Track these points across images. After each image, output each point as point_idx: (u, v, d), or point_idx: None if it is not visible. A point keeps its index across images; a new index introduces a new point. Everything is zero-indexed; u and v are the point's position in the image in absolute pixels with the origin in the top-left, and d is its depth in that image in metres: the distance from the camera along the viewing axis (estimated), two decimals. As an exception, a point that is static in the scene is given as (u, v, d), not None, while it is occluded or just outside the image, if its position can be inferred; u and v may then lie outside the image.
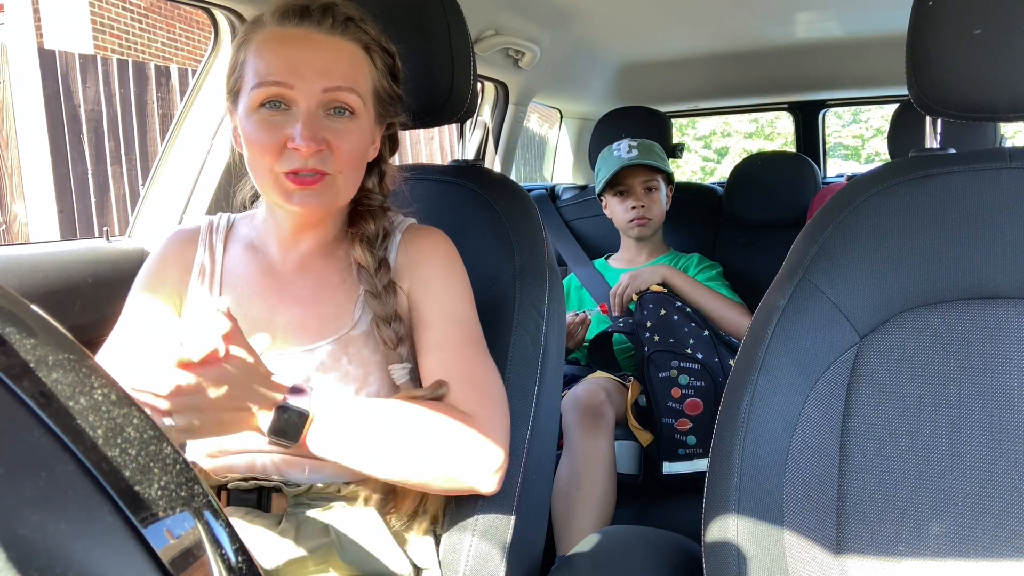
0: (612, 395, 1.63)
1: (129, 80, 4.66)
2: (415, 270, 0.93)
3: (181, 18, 6.94)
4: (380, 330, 0.88)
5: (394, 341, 0.88)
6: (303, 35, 0.84)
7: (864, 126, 12.72)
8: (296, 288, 0.92)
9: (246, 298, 0.92)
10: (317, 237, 0.94)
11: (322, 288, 0.92)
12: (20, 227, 4.28)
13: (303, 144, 0.80)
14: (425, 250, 0.94)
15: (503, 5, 1.83)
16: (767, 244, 2.12)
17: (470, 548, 0.90)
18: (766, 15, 2.11)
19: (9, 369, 0.28)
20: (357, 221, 0.93)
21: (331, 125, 0.84)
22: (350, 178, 0.88)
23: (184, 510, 0.31)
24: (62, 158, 4.34)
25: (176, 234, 0.99)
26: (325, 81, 0.83)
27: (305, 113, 0.82)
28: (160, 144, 3.38)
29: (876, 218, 0.90)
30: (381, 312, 0.89)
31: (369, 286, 0.90)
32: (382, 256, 0.92)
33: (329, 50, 0.84)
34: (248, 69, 0.85)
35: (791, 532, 0.84)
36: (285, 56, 0.83)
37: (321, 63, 0.83)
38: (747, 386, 0.87)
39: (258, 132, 0.83)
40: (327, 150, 0.83)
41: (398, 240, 0.95)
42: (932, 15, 0.87)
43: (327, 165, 0.84)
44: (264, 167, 0.84)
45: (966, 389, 0.84)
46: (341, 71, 0.84)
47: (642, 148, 1.95)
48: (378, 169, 0.96)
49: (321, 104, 0.83)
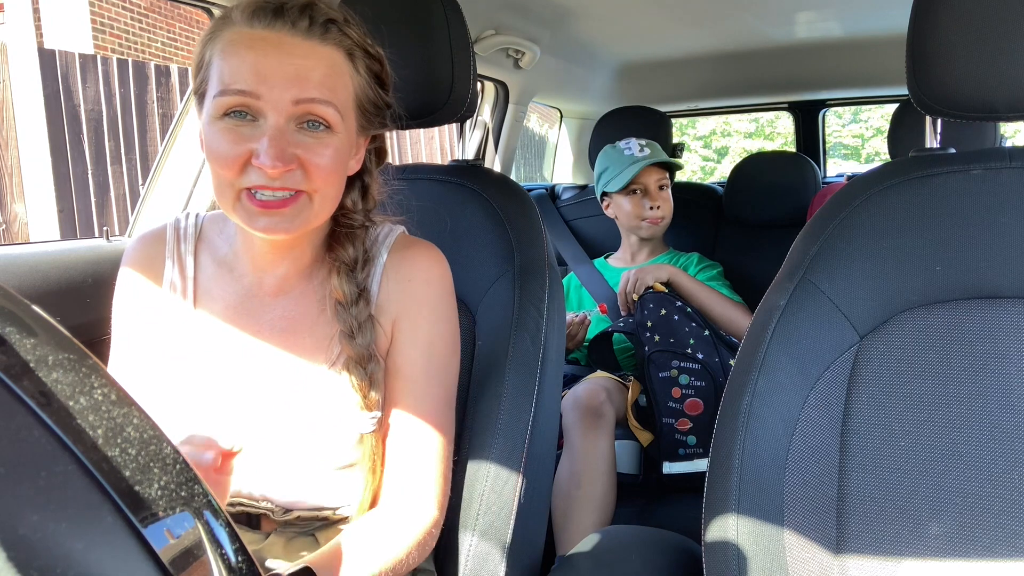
0: (612, 395, 1.63)
1: (129, 80, 4.66)
2: (403, 302, 0.86)
3: (181, 18, 6.94)
4: (352, 374, 0.81)
5: (366, 387, 0.81)
6: (275, 38, 0.74)
7: (864, 126, 12.74)
8: (275, 316, 0.85)
9: (222, 326, 0.84)
10: (294, 260, 0.85)
11: (302, 318, 0.85)
12: (20, 227, 4.28)
13: (269, 164, 0.71)
14: (416, 279, 0.86)
15: (503, 5, 1.83)
16: (767, 244, 2.12)
17: (470, 548, 0.90)
18: (766, 15, 2.11)
19: (9, 369, 0.28)
20: (335, 246, 0.85)
21: (303, 140, 0.74)
22: (327, 196, 0.78)
23: (184, 510, 0.31)
24: (62, 158, 4.34)
25: (142, 240, 0.89)
26: (297, 91, 0.73)
27: (273, 128, 0.73)
28: (160, 144, 3.39)
29: (876, 218, 0.90)
30: (354, 354, 0.81)
31: (344, 324, 0.82)
32: (363, 285, 0.84)
33: (303, 57, 0.74)
34: (212, 72, 0.75)
35: (791, 532, 0.84)
36: (252, 62, 0.72)
37: (293, 71, 0.73)
38: (747, 386, 0.87)
39: (219, 143, 0.73)
40: (298, 168, 0.74)
41: (383, 260, 0.87)
42: (932, 15, 0.87)
43: (298, 183, 0.75)
44: (224, 182, 0.75)
45: (966, 389, 0.84)
46: (317, 80, 0.74)
47: (652, 147, 1.95)
48: (360, 183, 0.87)
49: (292, 117, 0.74)
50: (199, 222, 0.90)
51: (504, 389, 0.95)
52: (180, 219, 0.90)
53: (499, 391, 0.95)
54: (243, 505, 0.85)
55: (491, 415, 0.94)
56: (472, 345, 1.00)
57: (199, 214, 0.92)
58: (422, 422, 0.85)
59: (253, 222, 0.75)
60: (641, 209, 1.92)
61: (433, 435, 0.85)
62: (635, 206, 1.93)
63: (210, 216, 0.92)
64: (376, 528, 0.81)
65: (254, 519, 0.86)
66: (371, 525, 0.81)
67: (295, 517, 0.85)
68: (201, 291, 0.86)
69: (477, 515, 0.91)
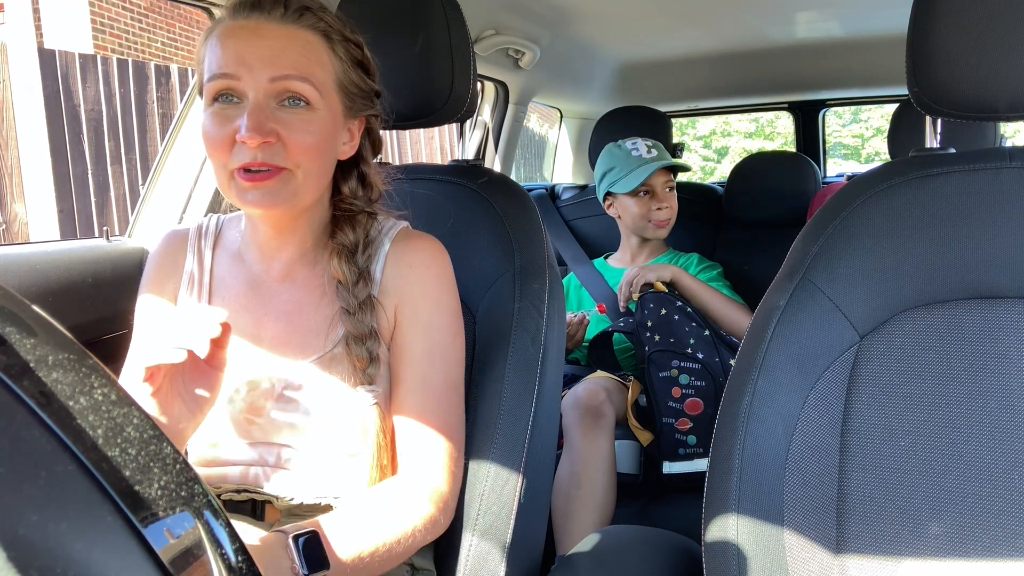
0: (612, 395, 1.63)
1: (129, 80, 4.66)
2: (405, 290, 0.90)
3: (181, 18, 6.94)
4: (351, 348, 0.85)
5: (365, 361, 0.85)
6: (252, 26, 0.81)
7: (864, 126, 12.73)
8: (281, 300, 0.90)
9: (233, 310, 0.89)
10: (297, 244, 0.90)
11: (306, 301, 0.90)
12: (20, 227, 4.28)
13: (248, 136, 0.77)
14: (417, 266, 0.90)
15: (503, 5, 1.83)
16: (767, 244, 2.12)
17: (470, 548, 0.90)
18: (766, 15, 2.11)
19: (9, 369, 0.28)
20: (336, 231, 0.90)
21: (283, 116, 0.80)
22: (311, 173, 0.83)
23: (184, 510, 0.31)
24: (62, 158, 4.34)
25: (169, 236, 0.97)
26: (272, 70, 0.79)
27: (252, 104, 0.79)
28: (160, 144, 3.39)
29: (876, 218, 0.90)
30: (354, 330, 0.85)
31: (344, 302, 0.86)
32: (364, 267, 0.88)
33: (277, 39, 0.81)
34: (204, 65, 0.83)
35: (791, 532, 0.84)
36: (233, 47, 0.80)
37: (268, 52, 0.80)
38: (747, 386, 0.87)
39: (210, 127, 0.80)
40: (278, 142, 0.79)
41: (386, 248, 0.91)
42: (932, 15, 0.87)
43: (279, 159, 0.80)
44: (219, 164, 0.81)
45: (966, 388, 0.84)
46: (291, 60, 0.80)
47: (658, 147, 1.94)
48: (357, 171, 0.92)
49: (270, 95, 0.80)
50: (220, 223, 0.98)
51: (504, 389, 0.95)
52: (204, 221, 0.98)
53: (499, 391, 0.95)
54: (248, 492, 0.87)
55: (491, 415, 0.94)
56: (472, 345, 1.00)
57: (220, 217, 0.99)
58: (426, 403, 0.87)
59: (244, 197, 0.81)
60: (648, 210, 1.91)
61: (438, 415, 0.87)
62: (642, 207, 1.92)
63: (229, 217, 0.99)
64: (382, 500, 0.83)
65: (259, 508, 0.87)
66: (378, 496, 0.83)
67: (300, 505, 0.86)
68: (216, 282, 0.93)
69: (477, 515, 0.91)
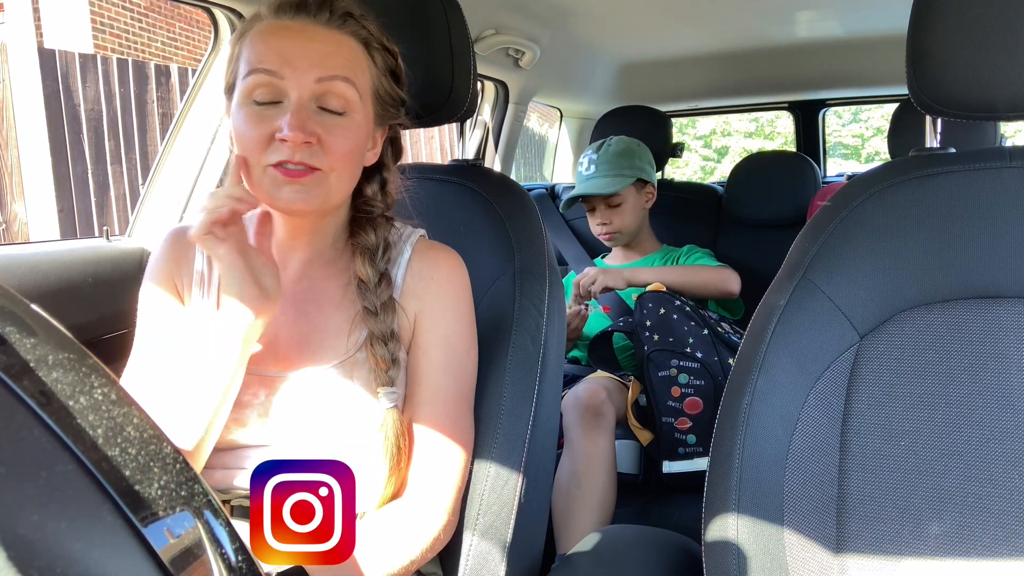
0: (612, 394, 1.63)
1: (129, 80, 4.66)
2: (425, 298, 0.90)
3: (181, 17, 6.94)
4: (373, 348, 0.85)
5: (387, 361, 0.85)
6: (298, 27, 0.82)
7: (864, 126, 12.72)
8: (298, 300, 0.89)
9: None
10: (315, 244, 0.90)
11: (324, 302, 0.89)
12: (20, 226, 4.28)
13: (291, 134, 0.77)
14: (439, 277, 0.91)
15: (503, 5, 1.83)
16: (767, 244, 2.12)
17: (470, 547, 0.90)
18: (766, 15, 2.11)
19: (9, 369, 0.28)
20: (357, 232, 0.90)
21: (323, 120, 0.81)
22: (343, 178, 0.84)
23: (184, 509, 0.31)
24: (62, 157, 4.33)
25: (176, 233, 0.95)
26: (319, 71, 0.79)
27: (295, 103, 0.79)
28: (160, 144, 3.38)
29: (876, 217, 0.90)
30: (376, 330, 0.85)
31: (367, 302, 0.86)
32: (384, 269, 0.88)
33: (325, 41, 0.82)
34: (241, 61, 0.82)
35: (791, 531, 0.84)
36: (277, 45, 0.80)
37: (316, 54, 0.80)
38: (747, 385, 0.87)
39: (246, 125, 0.80)
40: (317, 145, 0.80)
41: (407, 255, 0.91)
42: (932, 15, 0.87)
43: (317, 160, 0.80)
44: (251, 161, 0.81)
45: (966, 388, 0.84)
46: (338, 62, 0.81)
47: (603, 161, 1.90)
48: (379, 176, 0.92)
49: (314, 96, 0.80)
50: None
51: (504, 389, 0.95)
52: None
53: (499, 391, 0.95)
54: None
55: (491, 415, 0.94)
56: (472, 345, 1.00)
57: None
58: (438, 415, 0.87)
59: (278, 191, 0.80)
60: (592, 224, 1.95)
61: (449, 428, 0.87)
62: (591, 219, 1.96)
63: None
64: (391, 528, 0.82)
65: None
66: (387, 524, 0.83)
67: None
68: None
69: (477, 515, 0.91)
